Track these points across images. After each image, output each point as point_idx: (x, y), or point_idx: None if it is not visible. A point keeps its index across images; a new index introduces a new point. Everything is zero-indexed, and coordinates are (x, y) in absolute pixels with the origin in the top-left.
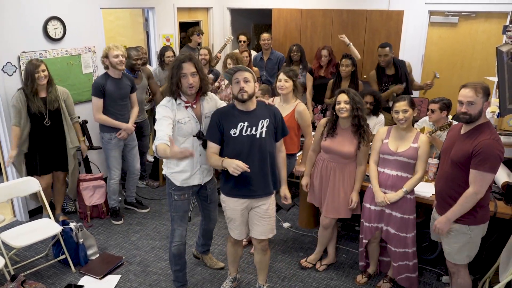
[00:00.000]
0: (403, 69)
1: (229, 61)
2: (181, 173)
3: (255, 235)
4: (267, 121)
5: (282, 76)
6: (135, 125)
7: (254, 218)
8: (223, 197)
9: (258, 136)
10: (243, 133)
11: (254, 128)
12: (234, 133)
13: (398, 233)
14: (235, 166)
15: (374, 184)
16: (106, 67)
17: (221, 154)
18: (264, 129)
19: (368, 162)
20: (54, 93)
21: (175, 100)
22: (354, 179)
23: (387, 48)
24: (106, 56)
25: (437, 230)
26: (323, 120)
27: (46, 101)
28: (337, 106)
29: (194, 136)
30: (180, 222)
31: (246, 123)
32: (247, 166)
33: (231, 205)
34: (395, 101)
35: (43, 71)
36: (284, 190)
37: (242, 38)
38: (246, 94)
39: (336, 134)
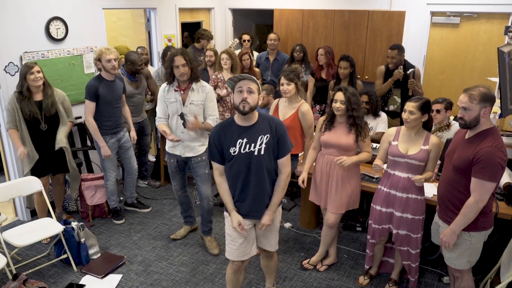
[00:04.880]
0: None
1: (223, 56)
2: (167, 141)
3: (260, 245)
4: (267, 136)
5: (283, 80)
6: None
7: (259, 232)
8: (226, 214)
9: (256, 153)
10: (242, 151)
11: (252, 145)
12: (234, 152)
13: (409, 234)
14: (235, 226)
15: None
16: (99, 69)
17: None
18: (263, 145)
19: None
20: (51, 98)
21: (169, 83)
22: (357, 171)
23: (396, 51)
24: (98, 59)
25: (443, 243)
26: (322, 118)
27: (42, 105)
28: (333, 104)
29: (178, 115)
30: (172, 179)
31: (245, 140)
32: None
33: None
34: (408, 100)
35: (37, 72)
36: (266, 217)
37: (246, 37)
38: (247, 106)
39: (333, 127)
